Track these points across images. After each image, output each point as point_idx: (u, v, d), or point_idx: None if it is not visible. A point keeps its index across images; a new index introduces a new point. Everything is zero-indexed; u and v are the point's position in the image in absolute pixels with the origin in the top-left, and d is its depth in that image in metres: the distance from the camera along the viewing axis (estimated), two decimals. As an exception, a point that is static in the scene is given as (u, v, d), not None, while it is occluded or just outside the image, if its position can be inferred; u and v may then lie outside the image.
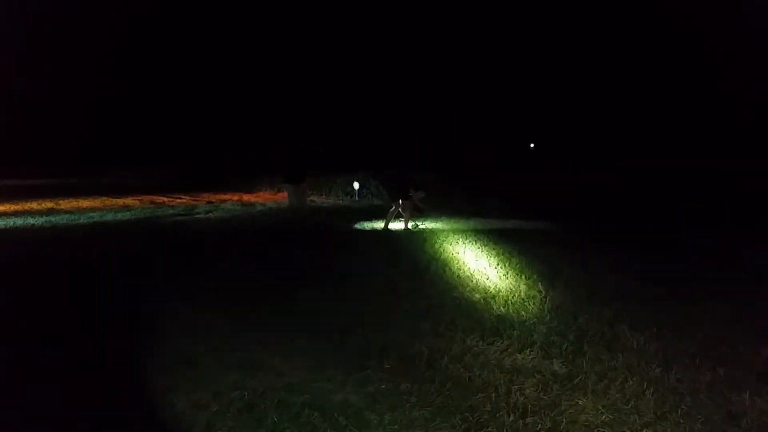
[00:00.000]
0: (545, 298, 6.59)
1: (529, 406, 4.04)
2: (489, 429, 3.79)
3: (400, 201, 12.73)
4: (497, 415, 3.94)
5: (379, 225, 13.09)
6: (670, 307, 6.26)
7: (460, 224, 13.44)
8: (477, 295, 6.81)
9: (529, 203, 16.07)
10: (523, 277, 7.60)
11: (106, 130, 46.29)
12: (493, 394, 4.20)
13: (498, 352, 5.00)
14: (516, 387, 4.32)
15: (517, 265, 8.34)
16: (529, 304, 6.34)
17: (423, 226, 13.05)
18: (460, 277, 7.75)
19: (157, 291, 7.20)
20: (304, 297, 6.80)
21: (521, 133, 37.56)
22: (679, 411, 3.96)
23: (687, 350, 5.03)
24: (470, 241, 10.53)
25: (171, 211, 16.91)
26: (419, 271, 8.18)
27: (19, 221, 14.26)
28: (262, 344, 5.24)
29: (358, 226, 13.33)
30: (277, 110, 41.20)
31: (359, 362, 4.79)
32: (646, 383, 4.37)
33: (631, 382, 4.39)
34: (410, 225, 12.87)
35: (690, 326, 5.62)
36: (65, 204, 19.05)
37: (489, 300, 6.59)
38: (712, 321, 5.80)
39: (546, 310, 6.14)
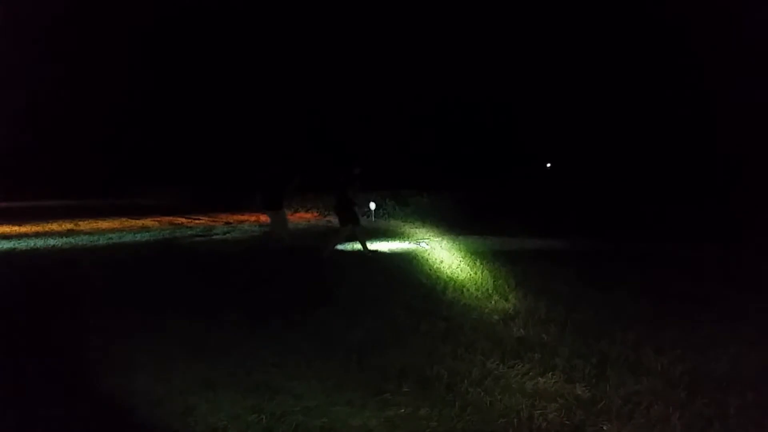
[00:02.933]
0: (566, 319, 6.48)
1: (552, 432, 3.95)
2: (511, 455, 3.70)
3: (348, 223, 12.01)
4: (519, 440, 3.85)
5: (388, 246, 12.97)
6: (693, 328, 6.13)
7: (476, 244, 13.35)
8: (496, 317, 6.73)
9: (547, 222, 15.94)
10: (543, 297, 7.50)
11: (126, 151, 46.93)
12: (515, 419, 4.11)
13: (519, 376, 4.91)
14: (538, 412, 4.23)
15: (536, 286, 8.24)
16: (550, 326, 6.24)
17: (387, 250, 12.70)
18: (478, 298, 7.67)
19: (171, 310, 7.19)
20: (321, 318, 6.76)
21: (539, 152, 37.48)
22: (708, 437, 3.85)
23: (713, 373, 4.91)
24: (487, 262, 10.44)
25: (189, 232, 17.01)
26: (436, 291, 8.11)
27: (40, 242, 14.42)
28: (279, 366, 5.20)
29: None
30: (296, 130, 41.54)
31: (378, 385, 4.73)
32: (671, 408, 4.25)
33: (656, 407, 4.28)
34: (336, 248, 12.13)
35: (715, 348, 5.49)
36: (85, 225, 19.23)
37: (508, 321, 6.50)
38: (738, 342, 5.67)
39: (567, 332, 6.04)
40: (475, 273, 9.33)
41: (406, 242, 13.84)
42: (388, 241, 14.29)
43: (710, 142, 27.47)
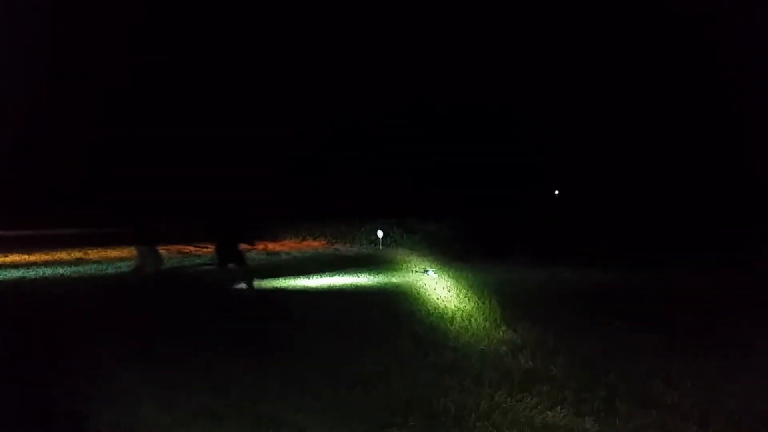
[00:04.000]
0: (575, 351, 6.42)
1: (561, 467, 3.88)
2: (519, 491, 3.64)
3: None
4: (527, 476, 3.79)
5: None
6: (704, 360, 6.06)
7: (484, 273, 13.29)
8: (504, 348, 6.67)
9: (556, 251, 15.87)
10: (551, 328, 7.44)
11: (136, 179, 47.26)
12: (522, 454, 4.05)
13: (528, 409, 4.85)
14: (546, 446, 4.17)
15: (544, 316, 8.18)
16: (559, 358, 6.18)
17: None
18: (486, 329, 7.61)
19: (175, 340, 7.17)
20: (327, 349, 6.72)
21: (546, 179, 37.47)
22: (720, 474, 3.78)
23: (725, 407, 4.83)
24: (495, 291, 10.38)
25: (197, 261, 17.04)
26: (444, 321, 8.06)
27: (48, 271, 14.47)
28: (283, 398, 5.16)
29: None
30: (298, 157, 41.78)
31: (383, 418, 4.67)
32: (682, 442, 4.19)
33: (666, 441, 4.21)
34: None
35: (726, 380, 5.42)
36: (93, 254, 19.31)
37: (516, 353, 6.44)
38: (750, 374, 5.59)
39: (576, 363, 5.98)
40: (483, 302, 9.28)
41: (413, 271, 13.79)
42: (395, 269, 14.25)
43: (731, 165, 27.44)
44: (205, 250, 20.84)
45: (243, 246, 11.50)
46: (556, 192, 38.25)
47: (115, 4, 43.85)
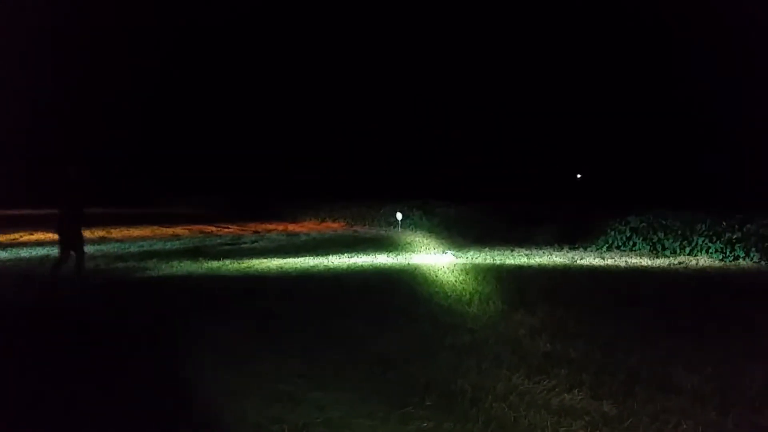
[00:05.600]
0: (594, 334, 6.39)
1: (578, 450, 3.88)
2: (535, 473, 3.65)
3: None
4: (544, 458, 3.79)
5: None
6: (726, 345, 5.98)
7: (504, 255, 13.25)
8: (522, 330, 6.66)
9: (577, 234, 15.73)
10: (571, 312, 7.41)
11: (158, 160, 47.81)
12: (539, 436, 4.05)
13: (545, 392, 4.84)
14: (563, 429, 4.16)
15: (564, 300, 8.14)
16: (578, 341, 6.15)
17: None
18: (504, 311, 7.60)
19: (198, 318, 7.27)
20: (347, 330, 6.76)
21: (568, 163, 37.10)
22: (739, 459, 3.74)
23: (746, 392, 4.78)
24: (514, 273, 10.35)
25: (218, 240, 17.21)
26: (462, 303, 8.06)
27: (72, 249, 14.69)
28: (303, 376, 5.21)
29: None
30: (320, 140, 41.86)
31: (401, 398, 4.70)
32: (701, 427, 4.15)
33: (685, 426, 4.17)
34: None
35: (748, 366, 5.35)
36: (116, 233, 19.60)
37: (535, 335, 6.43)
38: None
39: (595, 347, 5.95)
40: (502, 285, 9.26)
41: (433, 253, 13.79)
42: (414, 251, 14.26)
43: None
44: (225, 230, 21.05)
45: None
46: (578, 175, 37.88)
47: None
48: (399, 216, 20.86)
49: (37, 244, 15.82)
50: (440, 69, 39.27)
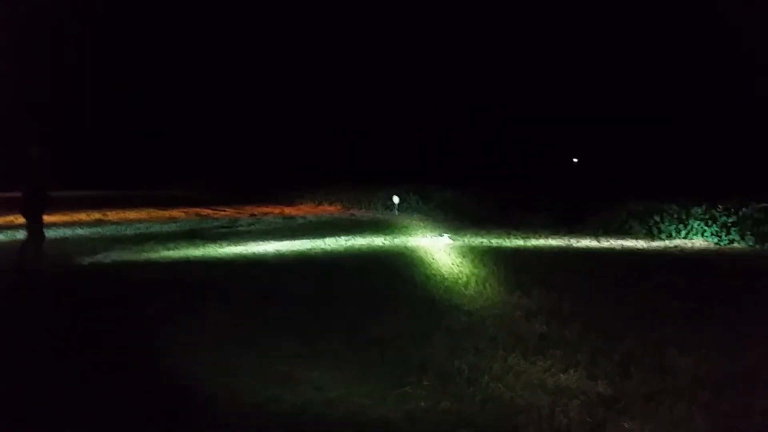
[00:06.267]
0: (590, 317, 6.43)
1: (573, 429, 3.92)
2: (531, 451, 3.69)
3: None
4: (539, 436, 3.84)
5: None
6: (720, 328, 6.04)
7: (500, 239, 13.29)
8: (518, 312, 6.70)
9: (573, 218, 15.77)
10: (567, 294, 7.45)
11: (155, 143, 47.61)
12: (535, 416, 4.09)
13: (541, 372, 4.89)
14: (560, 408, 4.20)
15: (560, 282, 8.19)
16: (573, 323, 6.19)
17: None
18: (500, 293, 7.64)
19: (196, 300, 7.29)
20: (344, 311, 6.80)
21: (564, 147, 37.04)
22: (732, 438, 3.79)
23: (739, 374, 4.83)
24: (510, 257, 10.39)
25: (215, 223, 17.19)
26: (459, 286, 8.10)
27: (68, 232, 14.68)
28: (301, 357, 5.24)
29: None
30: (317, 124, 41.71)
31: (398, 378, 4.74)
32: (695, 407, 4.19)
33: (679, 406, 4.22)
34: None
35: (742, 348, 5.40)
36: (113, 215, 19.55)
37: (531, 317, 6.47)
38: (766, 342, 5.57)
39: (591, 329, 5.99)
40: (498, 268, 9.29)
41: (429, 236, 13.82)
42: (411, 234, 14.29)
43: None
44: (222, 213, 21.02)
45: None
46: (575, 160, 37.85)
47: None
48: (396, 200, 20.87)
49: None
50: (436, 51, 39.03)
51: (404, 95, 38.70)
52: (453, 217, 18.37)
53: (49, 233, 14.27)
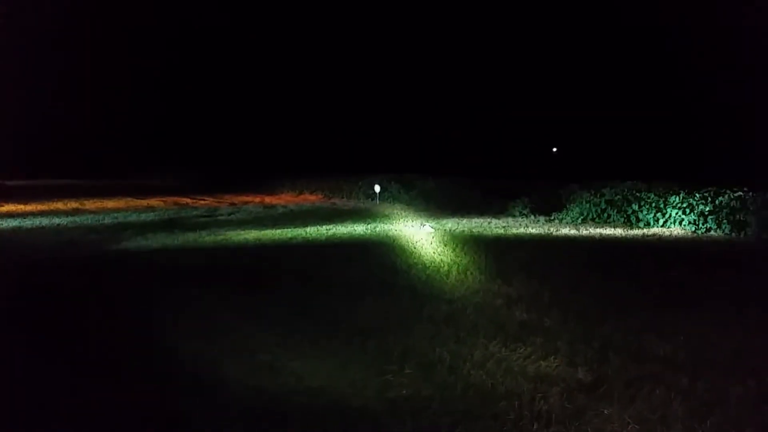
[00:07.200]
0: (569, 304, 6.48)
1: (554, 415, 3.95)
2: (512, 437, 3.71)
3: None
4: (520, 423, 3.86)
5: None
6: (697, 314, 6.13)
7: (481, 227, 13.33)
8: (499, 300, 6.73)
9: (553, 207, 15.87)
10: (546, 282, 7.50)
11: (132, 132, 47.00)
12: (516, 402, 4.12)
13: (521, 359, 4.92)
14: (540, 395, 4.23)
15: (540, 270, 8.24)
16: (553, 311, 6.24)
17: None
18: (481, 282, 7.67)
19: (175, 288, 7.22)
20: (325, 300, 6.78)
21: (543, 136, 37.23)
22: (708, 423, 3.85)
23: (716, 359, 4.90)
24: (491, 245, 10.43)
25: (194, 212, 17.03)
26: (440, 274, 8.12)
27: (45, 221, 14.46)
28: (282, 347, 5.22)
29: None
30: (298, 113, 41.45)
31: (380, 367, 4.74)
32: (673, 393, 4.25)
33: (658, 392, 4.28)
34: None
35: (718, 334, 5.49)
36: (90, 204, 19.30)
37: (511, 305, 6.51)
38: (742, 328, 5.66)
39: (570, 316, 6.04)
40: (479, 257, 9.33)
41: (411, 225, 13.83)
42: (392, 223, 14.28)
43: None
44: (201, 202, 20.84)
45: None
46: (554, 149, 38.08)
47: None
48: (377, 188, 20.84)
49: (8, 216, 15.53)
50: (418, 41, 38.97)
51: (386, 85, 38.63)
52: (434, 206, 18.40)
53: (26, 222, 14.11)
